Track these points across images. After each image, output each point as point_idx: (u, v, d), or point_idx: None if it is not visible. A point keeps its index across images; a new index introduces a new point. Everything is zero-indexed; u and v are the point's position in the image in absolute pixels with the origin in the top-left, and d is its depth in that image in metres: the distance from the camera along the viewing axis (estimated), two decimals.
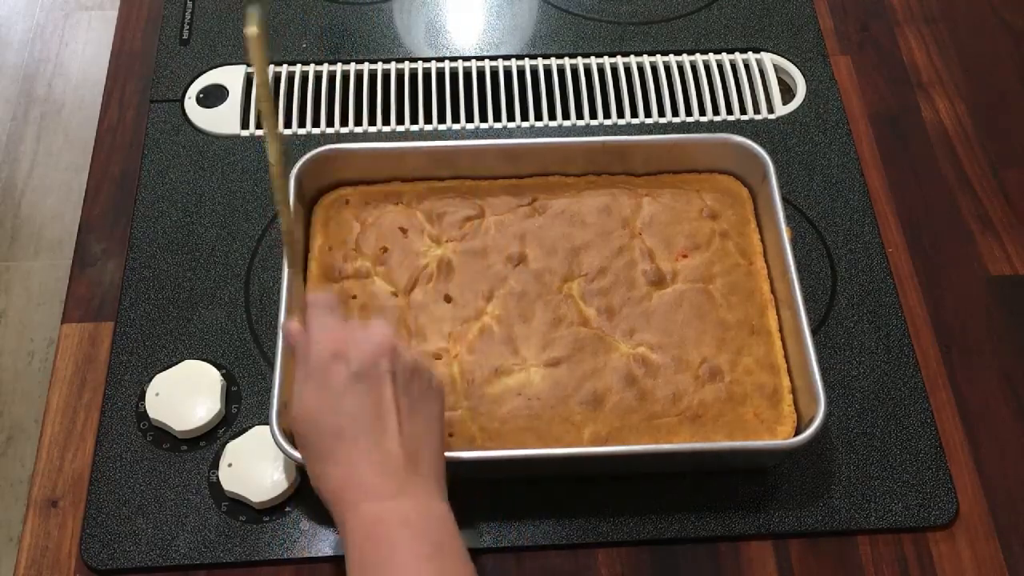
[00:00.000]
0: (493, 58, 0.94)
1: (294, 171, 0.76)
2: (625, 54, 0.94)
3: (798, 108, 0.91)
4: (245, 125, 0.89)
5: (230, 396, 0.73)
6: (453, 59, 0.94)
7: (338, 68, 0.93)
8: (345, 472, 0.57)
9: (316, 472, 0.59)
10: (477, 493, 0.69)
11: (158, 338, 0.76)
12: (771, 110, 0.91)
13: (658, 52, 0.95)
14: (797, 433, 0.68)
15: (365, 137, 0.88)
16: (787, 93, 0.93)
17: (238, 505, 0.69)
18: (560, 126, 0.90)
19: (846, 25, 0.98)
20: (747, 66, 0.94)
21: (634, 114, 0.90)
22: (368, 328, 0.60)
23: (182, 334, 0.76)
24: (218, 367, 0.74)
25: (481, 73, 0.93)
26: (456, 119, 0.90)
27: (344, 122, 0.89)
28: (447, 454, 0.67)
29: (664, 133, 0.88)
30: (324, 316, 0.62)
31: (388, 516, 0.56)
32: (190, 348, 0.76)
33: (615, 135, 0.88)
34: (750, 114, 0.91)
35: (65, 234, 1.69)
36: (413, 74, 0.93)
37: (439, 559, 0.55)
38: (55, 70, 1.96)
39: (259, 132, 0.87)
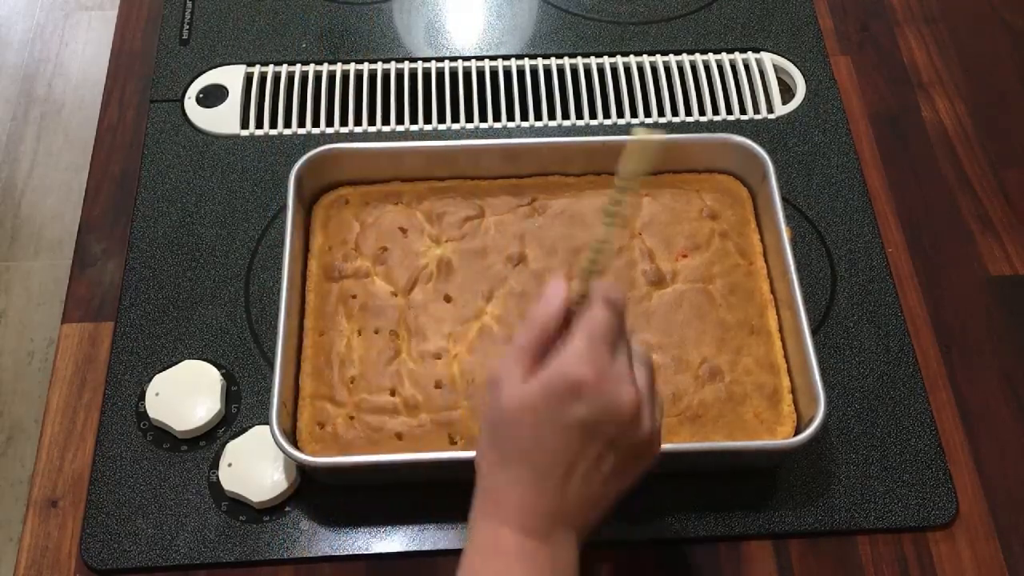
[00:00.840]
0: (493, 58, 0.94)
1: (294, 171, 0.76)
2: (625, 54, 0.94)
3: (798, 108, 0.91)
4: (245, 125, 0.89)
5: (230, 396, 0.73)
6: (453, 59, 0.94)
7: (338, 68, 0.93)
8: (509, 484, 0.54)
9: (488, 458, 0.55)
10: None
11: (158, 338, 0.76)
12: (771, 110, 0.91)
13: (658, 52, 0.95)
14: (797, 433, 0.68)
15: (365, 137, 0.88)
16: (787, 93, 0.93)
17: (238, 505, 0.69)
18: (560, 126, 0.90)
19: (846, 25, 0.98)
20: (747, 66, 0.94)
21: (634, 114, 0.90)
22: (624, 384, 0.53)
23: (182, 334, 0.76)
24: (218, 367, 0.74)
25: (481, 73, 0.93)
26: (456, 119, 0.90)
27: (344, 122, 0.89)
28: (444, 455, 0.67)
29: (664, 133, 0.88)
30: (600, 330, 0.53)
31: (520, 551, 0.53)
32: (190, 348, 0.76)
33: (615, 135, 0.88)
34: (750, 114, 0.91)
35: (65, 234, 1.70)
36: (413, 74, 0.93)
37: None
38: (55, 70, 1.96)
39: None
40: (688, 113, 0.90)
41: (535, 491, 0.53)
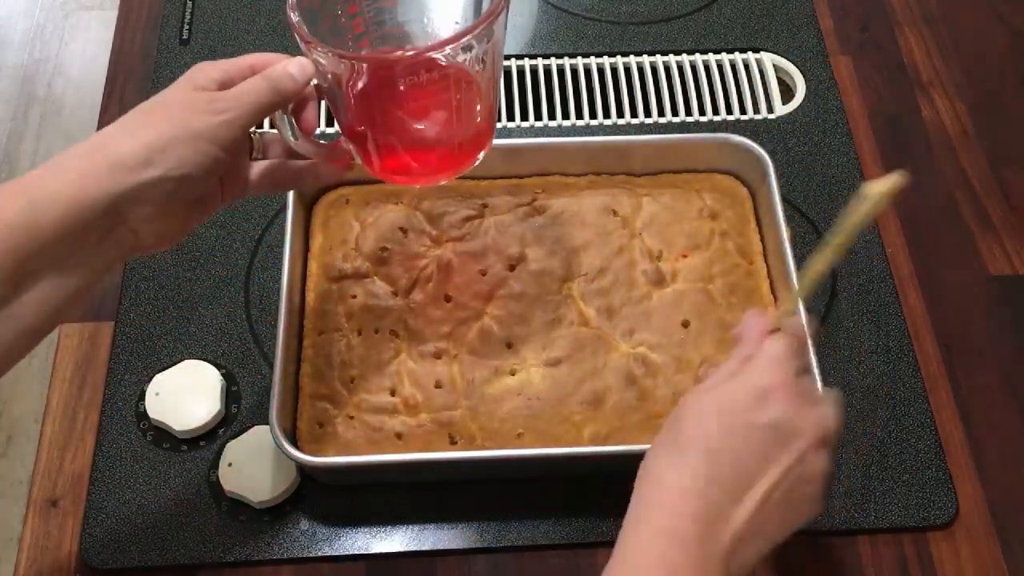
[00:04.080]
0: None
1: None
2: (625, 54, 0.94)
3: (798, 108, 0.91)
4: None
5: (230, 396, 0.73)
6: None
7: None
8: (678, 486, 0.50)
9: (659, 456, 0.53)
10: (477, 493, 0.69)
11: (158, 338, 0.76)
12: (771, 110, 0.91)
13: (658, 52, 0.95)
14: None
15: None
16: (787, 93, 0.93)
17: (238, 505, 0.69)
18: (560, 126, 0.90)
19: (846, 25, 0.98)
20: (747, 66, 0.94)
21: (634, 114, 0.90)
22: (815, 402, 0.53)
23: (182, 334, 0.76)
24: (218, 367, 0.74)
25: None
26: None
27: None
28: (444, 455, 0.67)
29: (664, 133, 0.88)
30: (788, 350, 0.54)
31: (674, 565, 0.49)
32: (190, 348, 0.76)
33: (615, 135, 0.88)
34: (750, 114, 0.91)
35: None
36: None
37: None
38: (55, 70, 1.96)
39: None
40: (688, 113, 0.90)
41: (704, 503, 0.50)
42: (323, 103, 0.64)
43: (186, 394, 0.72)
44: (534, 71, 0.93)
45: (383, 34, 0.65)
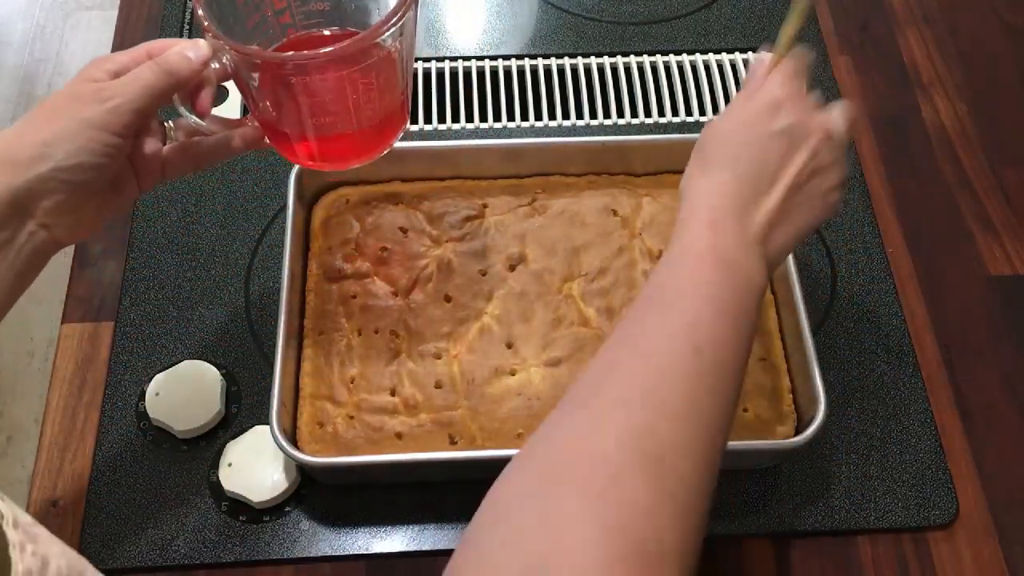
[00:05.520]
0: (493, 58, 0.94)
1: (294, 171, 0.76)
2: (625, 54, 0.94)
3: None
4: None
5: (230, 396, 0.73)
6: (453, 59, 0.94)
7: None
8: (712, 189, 0.56)
9: (691, 175, 0.59)
10: (477, 493, 0.69)
11: (158, 338, 0.76)
12: None
13: (658, 52, 0.95)
14: (797, 433, 0.68)
15: None
16: None
17: (238, 505, 0.69)
18: (560, 126, 0.90)
19: (846, 25, 0.98)
20: (747, 66, 0.94)
21: (634, 114, 0.90)
22: (819, 107, 0.59)
23: (182, 334, 0.77)
24: (218, 367, 0.74)
25: (481, 73, 0.93)
26: (456, 119, 0.90)
27: None
28: (444, 455, 0.67)
29: (664, 133, 0.88)
30: (790, 72, 0.60)
31: (720, 250, 0.54)
32: (190, 348, 0.76)
33: (615, 135, 0.88)
34: None
35: None
36: (413, 74, 0.93)
37: (731, 316, 0.52)
38: (55, 70, 1.96)
39: None
40: (688, 113, 0.90)
41: (737, 197, 0.56)
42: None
43: (186, 394, 0.72)
44: (534, 71, 0.93)
45: (308, 10, 0.66)
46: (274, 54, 0.63)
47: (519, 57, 0.94)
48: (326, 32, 0.66)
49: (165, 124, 0.62)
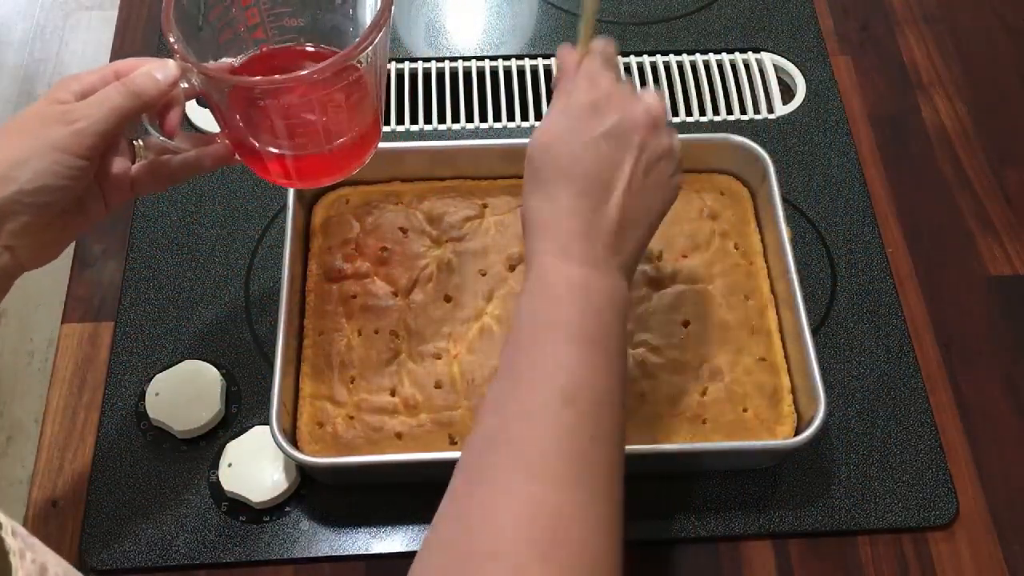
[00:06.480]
0: (493, 58, 0.94)
1: None
2: (625, 54, 0.94)
3: (798, 108, 0.91)
4: None
5: (230, 396, 0.73)
6: (453, 59, 0.94)
7: None
8: (553, 213, 0.55)
9: (529, 199, 0.58)
10: None
11: (158, 338, 0.76)
12: (771, 110, 0.91)
13: (658, 52, 0.95)
14: (797, 433, 0.68)
15: None
16: (787, 93, 0.93)
17: (238, 505, 0.69)
18: None
19: (846, 25, 0.98)
20: (747, 66, 0.94)
21: None
22: (637, 97, 0.59)
23: (182, 334, 0.77)
24: (218, 367, 0.74)
25: (481, 73, 0.93)
26: (456, 119, 0.90)
27: None
28: (444, 455, 0.67)
29: None
30: (600, 65, 0.60)
31: (572, 278, 0.54)
32: (190, 348, 0.76)
33: None
34: (750, 114, 0.91)
35: None
36: (413, 74, 0.93)
37: (595, 344, 0.52)
38: (55, 70, 1.96)
39: None
40: (688, 113, 0.90)
41: (577, 212, 0.55)
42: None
43: (186, 394, 0.72)
44: (534, 71, 0.93)
45: (281, 25, 0.65)
46: (243, 78, 0.62)
47: (519, 57, 0.94)
48: (306, 46, 0.66)
49: (134, 143, 0.61)
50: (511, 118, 0.90)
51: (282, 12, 0.65)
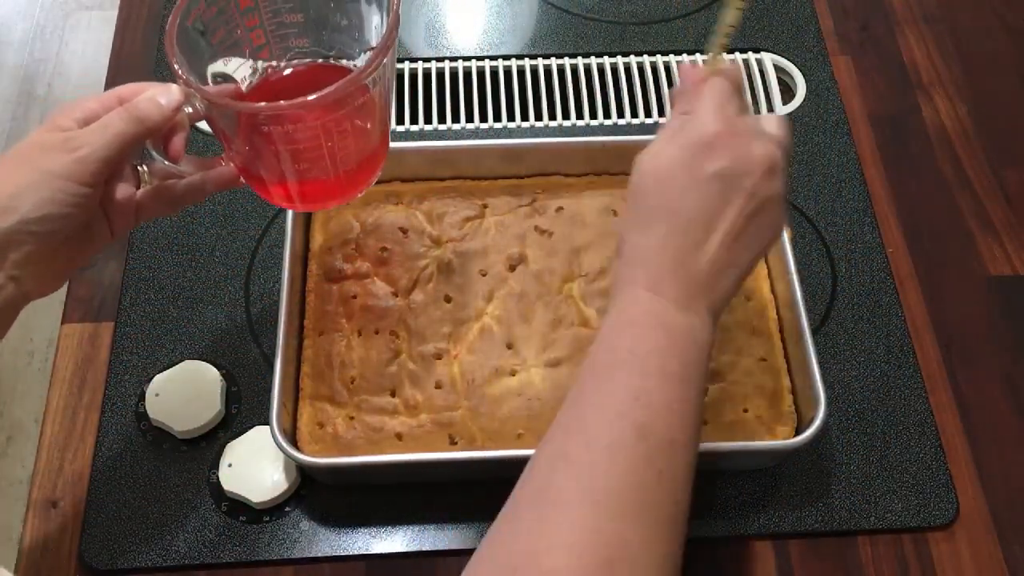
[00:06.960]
0: (493, 58, 0.94)
1: None
2: (625, 54, 0.94)
3: (798, 108, 0.91)
4: None
5: (230, 396, 0.73)
6: (453, 59, 0.94)
7: None
8: (649, 246, 0.54)
9: (628, 225, 0.56)
10: (477, 493, 0.69)
11: (158, 338, 0.76)
12: (771, 110, 0.91)
13: (658, 52, 0.95)
14: (797, 433, 0.68)
15: None
16: (787, 93, 0.93)
17: (238, 505, 0.69)
18: (560, 126, 0.90)
19: (846, 25, 0.98)
20: (747, 66, 0.94)
21: (634, 114, 0.90)
22: (757, 135, 0.56)
23: (182, 334, 0.77)
24: (218, 367, 0.74)
25: (481, 73, 0.93)
26: (456, 119, 0.90)
27: None
28: (444, 455, 0.67)
29: None
30: (726, 92, 0.57)
31: (659, 313, 0.53)
32: (190, 348, 0.76)
33: (615, 135, 0.88)
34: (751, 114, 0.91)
35: None
36: (413, 74, 0.93)
37: (676, 383, 0.51)
38: (55, 70, 1.96)
39: None
40: None
41: (674, 251, 0.54)
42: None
43: (186, 395, 0.72)
44: (534, 71, 0.93)
45: (287, 46, 0.65)
46: (247, 104, 0.61)
47: (519, 57, 0.94)
48: (316, 60, 0.65)
49: (138, 168, 0.61)
50: (511, 118, 0.90)
51: (288, 33, 0.64)
